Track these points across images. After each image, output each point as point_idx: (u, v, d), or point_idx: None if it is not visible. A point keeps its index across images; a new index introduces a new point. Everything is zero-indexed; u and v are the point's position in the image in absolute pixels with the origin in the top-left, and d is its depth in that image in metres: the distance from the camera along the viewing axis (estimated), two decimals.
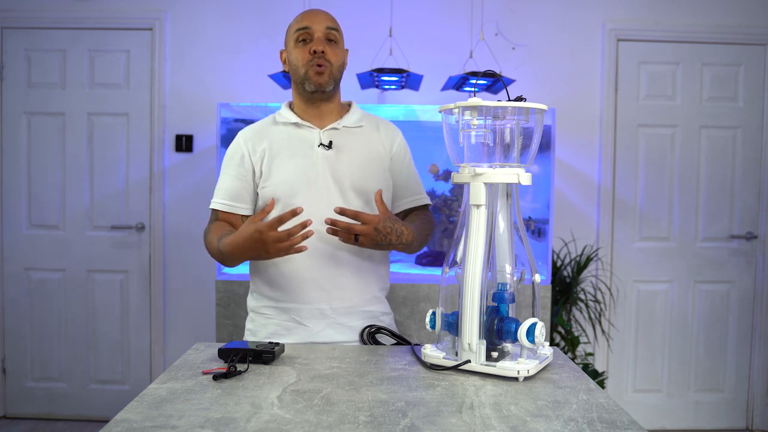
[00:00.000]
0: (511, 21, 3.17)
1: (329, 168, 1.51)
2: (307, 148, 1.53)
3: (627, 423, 0.96)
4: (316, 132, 1.54)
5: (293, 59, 1.54)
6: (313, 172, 1.51)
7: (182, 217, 3.19)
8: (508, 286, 1.23)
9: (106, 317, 3.22)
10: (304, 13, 1.55)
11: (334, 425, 0.94)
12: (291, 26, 1.56)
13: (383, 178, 1.57)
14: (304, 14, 1.55)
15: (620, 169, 3.22)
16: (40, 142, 3.19)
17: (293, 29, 1.54)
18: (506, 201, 1.26)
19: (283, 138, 1.55)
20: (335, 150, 1.53)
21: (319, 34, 1.51)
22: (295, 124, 1.56)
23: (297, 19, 1.55)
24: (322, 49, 1.50)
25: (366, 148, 1.57)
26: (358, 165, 1.54)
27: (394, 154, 1.61)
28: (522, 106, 1.21)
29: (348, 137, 1.56)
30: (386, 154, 1.60)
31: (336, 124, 1.56)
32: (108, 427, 0.93)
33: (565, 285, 3.03)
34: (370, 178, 1.54)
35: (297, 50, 1.53)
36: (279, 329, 1.53)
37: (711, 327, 3.27)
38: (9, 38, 3.16)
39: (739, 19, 3.18)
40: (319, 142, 1.53)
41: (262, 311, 1.56)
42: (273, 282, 1.53)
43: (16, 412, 3.24)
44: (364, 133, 1.59)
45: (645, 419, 3.23)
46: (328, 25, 1.52)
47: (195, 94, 3.16)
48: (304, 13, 1.55)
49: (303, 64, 1.51)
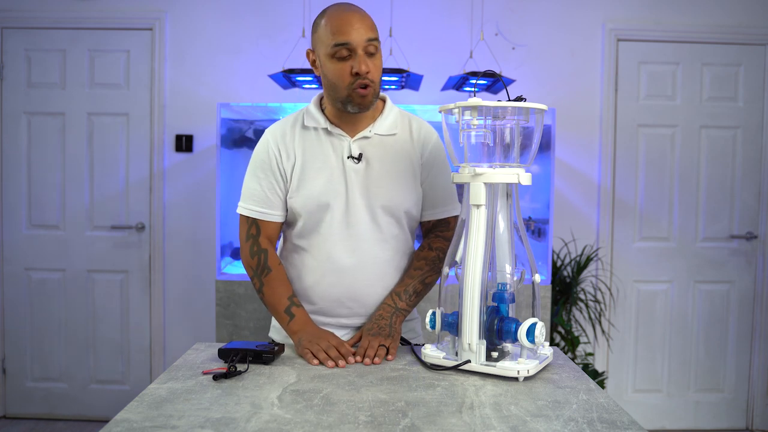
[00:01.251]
0: (511, 21, 3.17)
1: (359, 183, 1.43)
2: (337, 159, 1.43)
3: (627, 423, 0.96)
4: (346, 141, 1.44)
5: (330, 75, 1.37)
6: (341, 187, 1.43)
7: (182, 217, 3.19)
8: (508, 286, 1.23)
9: (106, 317, 3.22)
10: (341, 20, 1.34)
11: (334, 425, 0.94)
12: (323, 31, 1.36)
13: (413, 191, 1.48)
14: (340, 21, 1.34)
15: (620, 169, 3.22)
16: (40, 142, 3.19)
17: (328, 41, 1.34)
18: (506, 201, 1.26)
19: (313, 145, 1.45)
20: (365, 163, 1.43)
21: (360, 51, 1.34)
22: (326, 130, 1.45)
23: (332, 24, 1.34)
24: (367, 70, 1.35)
25: (397, 159, 1.46)
26: (389, 180, 1.44)
27: (425, 161, 1.49)
28: (522, 106, 1.21)
29: (379, 147, 1.45)
30: (417, 163, 1.48)
31: (367, 132, 1.44)
32: (108, 427, 0.93)
33: (565, 285, 3.03)
34: (400, 194, 1.45)
35: (335, 66, 1.36)
36: None
37: (711, 327, 3.27)
38: (9, 38, 3.16)
39: (739, 19, 3.18)
40: (348, 153, 1.43)
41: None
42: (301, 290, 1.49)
43: (16, 412, 3.24)
44: (397, 141, 1.48)
45: (645, 419, 3.23)
46: (369, 37, 1.34)
47: (195, 94, 3.16)
48: (341, 20, 1.34)
49: (345, 86, 1.36)
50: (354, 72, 1.34)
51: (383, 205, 1.44)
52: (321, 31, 1.37)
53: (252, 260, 1.47)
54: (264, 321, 2.64)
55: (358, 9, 1.38)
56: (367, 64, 1.35)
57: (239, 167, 2.96)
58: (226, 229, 2.77)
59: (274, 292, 1.44)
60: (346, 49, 1.34)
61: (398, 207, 1.45)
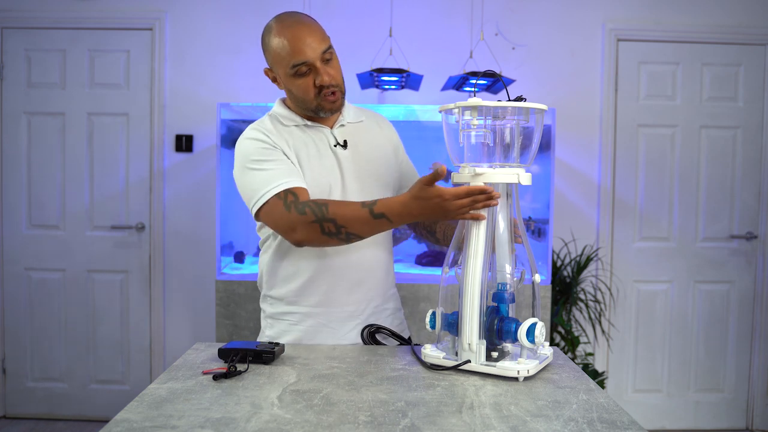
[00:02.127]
0: (511, 21, 3.17)
1: (351, 167, 1.49)
2: (324, 148, 1.49)
3: (627, 423, 0.96)
4: (326, 130, 1.51)
5: (296, 91, 1.44)
6: (338, 173, 1.48)
7: (182, 217, 3.19)
8: (508, 286, 1.23)
9: (106, 317, 3.22)
10: (293, 38, 1.38)
11: (334, 425, 0.94)
12: (277, 52, 1.41)
13: (396, 170, 1.59)
14: (292, 40, 1.38)
15: (620, 169, 3.22)
16: (40, 142, 3.19)
17: (286, 62, 1.40)
18: (506, 201, 1.26)
19: (299, 138, 1.48)
20: (351, 148, 1.51)
21: (318, 63, 1.39)
22: (305, 125, 1.50)
23: (285, 45, 1.39)
24: (329, 80, 1.41)
25: (374, 143, 1.56)
26: (375, 161, 1.53)
27: (395, 145, 1.62)
28: (522, 106, 1.21)
29: (355, 134, 1.54)
30: (391, 147, 1.60)
31: (341, 121, 1.53)
32: (108, 427, 0.93)
33: (565, 285, 3.03)
34: (386, 172, 1.55)
35: (298, 83, 1.42)
36: (303, 335, 1.49)
37: (711, 327, 3.27)
38: (9, 38, 3.16)
39: (739, 19, 3.18)
40: (334, 141, 1.50)
41: (284, 318, 1.51)
42: (299, 288, 1.49)
43: (16, 412, 3.24)
44: (367, 127, 1.58)
45: (645, 419, 3.23)
46: (323, 49, 1.39)
47: (195, 94, 3.16)
48: (293, 38, 1.38)
49: (312, 98, 1.43)
50: (318, 84, 1.41)
51: (377, 185, 1.51)
52: (275, 51, 1.42)
53: (306, 215, 1.33)
54: None
55: (305, 21, 1.42)
56: (327, 72, 1.41)
57: None
58: (226, 229, 2.77)
59: (346, 210, 1.32)
60: (305, 66, 1.40)
61: (389, 184, 1.54)
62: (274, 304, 1.54)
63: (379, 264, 1.54)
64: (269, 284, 1.54)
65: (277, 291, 1.52)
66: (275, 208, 1.36)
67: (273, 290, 1.53)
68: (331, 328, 1.49)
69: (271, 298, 1.54)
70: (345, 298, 1.49)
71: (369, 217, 1.30)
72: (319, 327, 1.49)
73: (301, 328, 1.50)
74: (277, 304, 1.53)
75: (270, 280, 1.54)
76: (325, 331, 1.49)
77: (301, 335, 1.50)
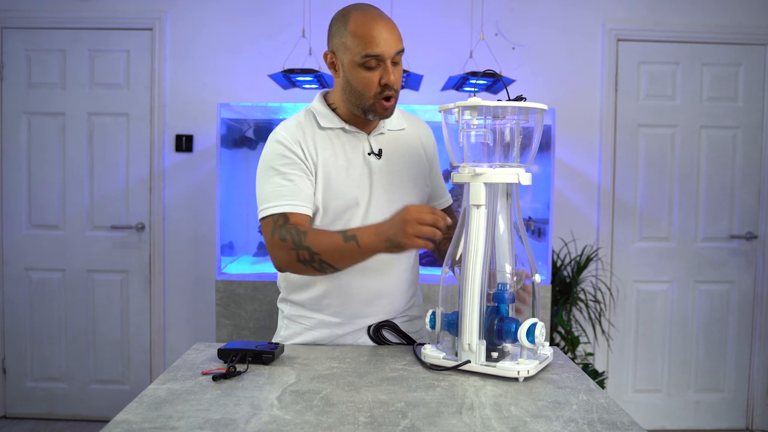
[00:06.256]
0: (511, 21, 3.17)
1: (382, 179, 1.45)
2: (358, 156, 1.44)
3: (627, 423, 0.96)
4: (363, 137, 1.45)
5: (357, 83, 1.37)
6: (367, 184, 1.44)
7: (182, 217, 3.19)
8: (508, 286, 1.23)
9: (106, 317, 3.22)
10: (372, 30, 1.33)
11: (334, 426, 0.94)
12: (350, 38, 1.35)
13: (426, 184, 1.54)
14: (372, 31, 1.33)
15: (620, 169, 3.22)
16: (40, 142, 3.19)
17: (358, 50, 1.34)
18: (506, 201, 1.26)
19: (332, 144, 1.43)
20: (385, 158, 1.46)
21: (388, 62, 1.35)
22: (342, 129, 1.45)
23: (362, 34, 1.34)
24: (395, 81, 1.37)
25: (410, 154, 1.51)
26: (408, 174, 1.49)
27: (430, 157, 1.57)
28: (522, 106, 1.21)
29: (393, 143, 1.49)
30: (426, 159, 1.55)
31: (381, 128, 1.48)
32: (107, 428, 0.93)
33: (565, 285, 3.03)
34: (417, 186, 1.51)
35: (362, 75, 1.36)
36: (317, 339, 1.49)
37: (711, 327, 3.27)
38: (9, 38, 3.15)
39: (739, 19, 3.18)
40: (369, 150, 1.45)
41: (301, 321, 1.51)
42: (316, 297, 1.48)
43: (16, 412, 3.24)
44: (407, 136, 1.53)
45: (645, 419, 3.23)
46: (397, 50, 1.35)
47: (195, 94, 3.16)
48: (372, 30, 1.33)
49: (372, 95, 1.37)
50: (383, 83, 1.36)
51: (406, 200, 1.46)
52: (347, 37, 1.36)
53: (285, 242, 1.32)
54: (264, 321, 2.64)
55: (386, 18, 1.37)
56: (395, 74, 1.36)
57: (239, 167, 2.96)
58: (227, 229, 2.77)
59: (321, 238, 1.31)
60: (376, 60, 1.34)
61: (417, 201, 1.50)
62: (292, 307, 1.54)
63: (400, 280, 1.51)
64: (287, 289, 1.54)
65: (295, 296, 1.52)
66: (266, 227, 1.37)
67: (291, 295, 1.53)
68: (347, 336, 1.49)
69: (289, 302, 1.54)
70: (362, 311, 1.48)
71: (341, 242, 1.28)
72: (334, 337, 1.49)
73: (316, 334, 1.50)
74: (296, 307, 1.53)
75: (288, 285, 1.53)
76: (341, 339, 1.49)
77: (315, 339, 1.50)
